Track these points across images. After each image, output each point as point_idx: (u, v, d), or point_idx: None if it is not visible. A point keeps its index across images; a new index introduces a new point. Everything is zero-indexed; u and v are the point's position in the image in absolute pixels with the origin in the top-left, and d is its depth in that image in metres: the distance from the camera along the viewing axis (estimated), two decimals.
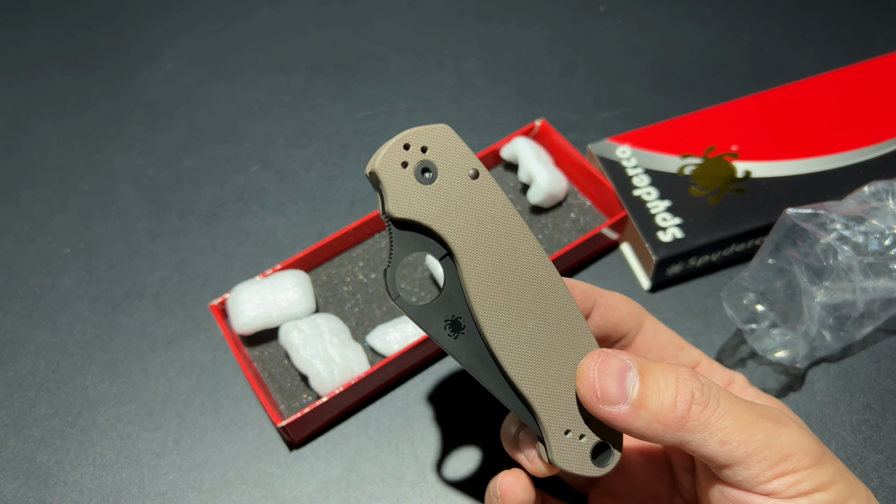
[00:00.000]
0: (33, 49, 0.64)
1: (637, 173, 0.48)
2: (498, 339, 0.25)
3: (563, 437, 0.26)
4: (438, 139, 0.25)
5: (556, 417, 0.26)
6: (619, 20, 0.63)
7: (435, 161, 0.25)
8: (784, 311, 0.41)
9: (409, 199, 0.24)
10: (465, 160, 0.25)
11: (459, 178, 0.25)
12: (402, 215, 0.24)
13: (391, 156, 0.24)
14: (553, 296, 0.26)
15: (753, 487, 0.24)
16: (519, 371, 0.26)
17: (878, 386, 0.42)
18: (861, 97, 0.51)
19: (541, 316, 0.26)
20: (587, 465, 0.27)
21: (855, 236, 0.40)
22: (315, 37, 0.64)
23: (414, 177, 0.24)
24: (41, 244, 0.51)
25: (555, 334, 0.26)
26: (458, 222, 0.25)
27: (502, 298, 0.25)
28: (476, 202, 0.25)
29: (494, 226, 0.25)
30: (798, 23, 0.61)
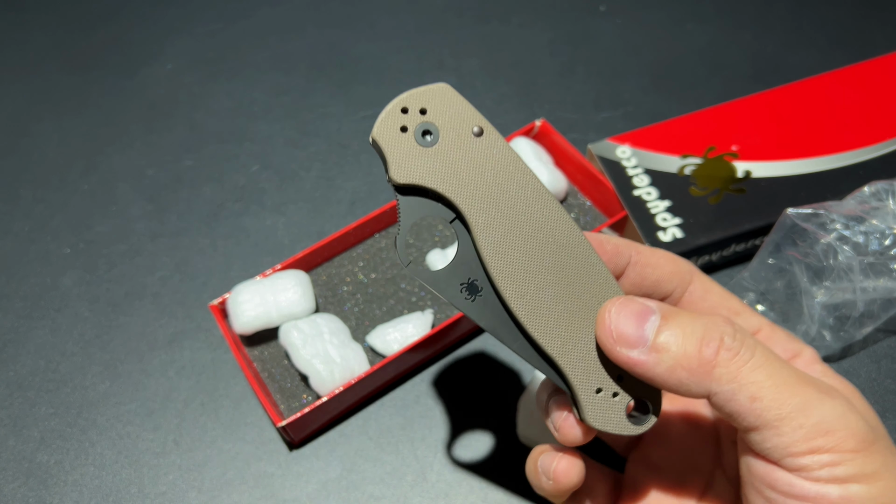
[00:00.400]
0: (33, 49, 0.64)
1: (637, 173, 0.48)
2: (517, 298, 0.25)
3: (594, 395, 0.25)
4: (437, 99, 0.24)
5: (586, 376, 0.25)
6: (620, 20, 0.63)
7: (435, 122, 0.24)
8: (784, 311, 0.41)
9: (411, 163, 0.24)
10: (468, 118, 0.24)
11: (462, 137, 0.24)
12: (406, 181, 0.24)
13: (389, 121, 0.24)
14: (573, 251, 0.25)
15: (782, 459, 0.21)
16: (541, 330, 0.25)
17: (879, 386, 0.42)
18: (861, 97, 0.51)
19: (561, 272, 0.25)
20: (622, 424, 0.25)
21: (855, 236, 0.40)
22: (315, 37, 0.64)
23: (415, 140, 0.24)
24: (41, 244, 0.51)
25: (578, 291, 0.25)
26: (464, 183, 0.24)
27: (518, 256, 0.25)
28: (482, 160, 0.24)
29: (504, 183, 0.25)
30: (798, 22, 0.61)
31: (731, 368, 0.21)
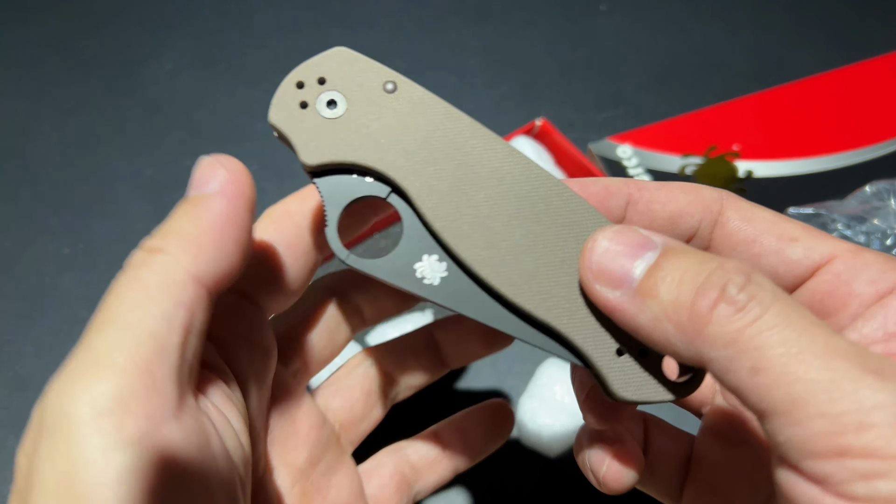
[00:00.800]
0: (32, 48, 0.64)
1: (638, 173, 0.47)
2: (486, 265, 0.21)
3: (615, 359, 0.20)
4: (335, 64, 0.21)
5: (599, 337, 0.20)
6: (620, 19, 0.63)
7: (339, 89, 0.21)
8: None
9: (321, 140, 0.21)
10: (375, 75, 0.21)
11: (374, 97, 0.21)
12: (319, 161, 0.21)
13: (285, 100, 0.21)
14: (542, 193, 0.21)
15: (801, 461, 0.15)
16: (526, 294, 0.20)
17: None
18: (862, 96, 0.51)
19: (534, 222, 0.21)
20: (661, 388, 0.20)
21: (856, 236, 0.40)
22: (314, 36, 0.64)
23: (319, 114, 0.21)
24: (40, 244, 0.51)
25: (561, 238, 0.21)
26: (387, 146, 0.21)
27: (474, 216, 0.21)
28: (403, 117, 0.21)
29: (436, 135, 0.21)
30: (799, 22, 0.61)
31: (729, 328, 0.16)
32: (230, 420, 0.19)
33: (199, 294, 0.17)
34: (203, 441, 0.17)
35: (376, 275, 0.21)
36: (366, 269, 0.21)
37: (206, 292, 0.18)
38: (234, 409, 0.20)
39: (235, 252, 0.18)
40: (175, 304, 0.17)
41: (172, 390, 0.16)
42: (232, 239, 0.18)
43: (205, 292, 0.17)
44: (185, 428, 0.16)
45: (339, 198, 0.21)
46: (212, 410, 0.18)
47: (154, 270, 0.17)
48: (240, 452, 0.19)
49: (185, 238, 0.18)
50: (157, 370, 0.16)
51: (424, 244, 0.21)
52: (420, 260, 0.21)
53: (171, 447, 0.15)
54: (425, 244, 0.21)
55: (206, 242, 0.18)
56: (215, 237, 0.18)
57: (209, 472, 0.17)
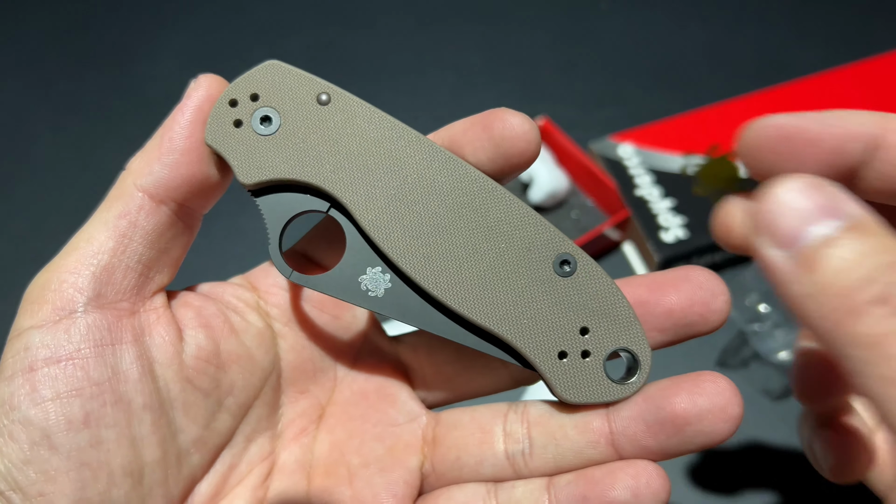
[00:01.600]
0: (30, 46, 0.64)
1: (639, 172, 0.47)
2: (425, 274, 0.21)
3: (558, 363, 0.21)
4: (267, 80, 0.21)
5: (540, 340, 0.21)
6: (621, 18, 0.62)
7: (271, 104, 0.21)
8: (787, 311, 0.41)
9: (257, 159, 0.21)
10: (307, 88, 0.21)
11: (307, 110, 0.21)
12: (257, 179, 0.21)
13: (219, 120, 0.21)
14: (480, 198, 0.21)
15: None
16: (466, 301, 0.21)
17: None
18: (866, 94, 0.50)
19: (471, 228, 0.21)
20: (607, 389, 0.21)
21: None
22: (313, 34, 0.63)
23: (254, 132, 0.21)
24: (38, 243, 0.51)
25: (498, 242, 0.21)
26: (324, 160, 0.21)
27: (414, 226, 0.21)
28: (338, 129, 0.21)
29: (372, 146, 0.21)
30: (802, 20, 0.61)
31: (877, 329, 0.14)
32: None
33: (144, 204, 0.20)
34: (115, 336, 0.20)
35: (321, 290, 0.21)
36: (310, 285, 0.21)
37: (155, 201, 0.20)
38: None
39: (183, 159, 0.20)
40: (117, 216, 0.20)
41: (90, 282, 0.20)
42: (177, 150, 0.20)
43: (151, 202, 0.20)
44: (91, 321, 0.20)
45: (279, 216, 0.21)
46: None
47: (114, 187, 0.21)
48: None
49: (143, 158, 0.21)
50: (78, 267, 0.20)
51: (367, 257, 0.21)
52: (364, 273, 0.21)
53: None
54: (368, 257, 0.21)
55: (153, 159, 0.20)
56: (162, 152, 0.20)
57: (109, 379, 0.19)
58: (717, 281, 0.21)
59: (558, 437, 0.21)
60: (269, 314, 0.24)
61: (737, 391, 0.20)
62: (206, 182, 0.21)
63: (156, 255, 0.21)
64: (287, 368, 0.24)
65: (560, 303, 0.21)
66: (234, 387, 0.22)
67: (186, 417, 0.21)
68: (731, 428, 0.19)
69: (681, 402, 0.20)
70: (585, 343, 0.21)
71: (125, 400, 0.19)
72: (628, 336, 0.21)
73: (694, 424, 0.19)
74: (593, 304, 0.21)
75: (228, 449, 0.22)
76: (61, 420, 0.18)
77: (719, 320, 0.21)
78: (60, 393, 0.19)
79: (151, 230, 0.20)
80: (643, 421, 0.20)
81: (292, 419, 0.24)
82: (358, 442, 0.23)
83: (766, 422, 0.41)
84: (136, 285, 0.20)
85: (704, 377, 0.20)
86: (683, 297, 0.21)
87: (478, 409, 0.23)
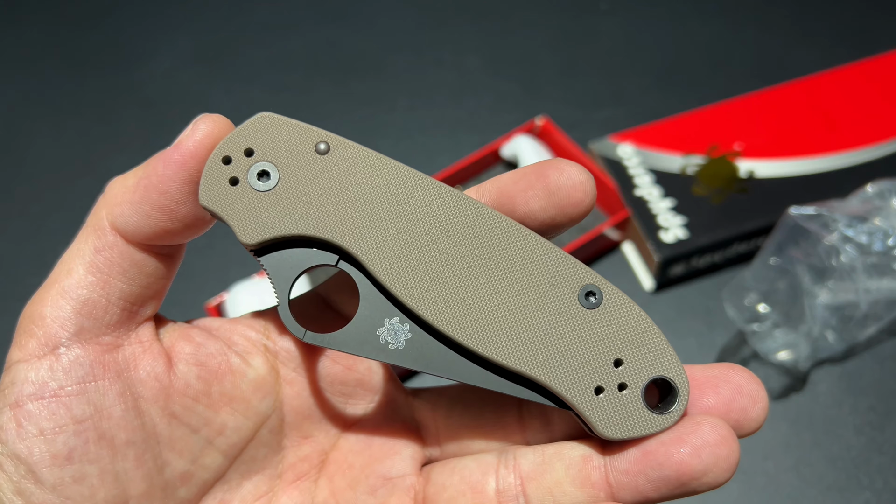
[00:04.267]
0: (29, 47, 0.64)
1: (639, 172, 0.47)
2: (449, 321, 0.20)
3: (595, 399, 0.20)
4: (260, 133, 0.20)
5: (575, 378, 0.20)
6: (621, 17, 0.62)
7: (268, 158, 0.20)
8: (787, 311, 0.41)
9: (259, 217, 0.19)
10: (303, 138, 0.20)
11: (306, 161, 0.20)
12: (261, 238, 0.19)
13: (213, 179, 0.19)
14: (497, 237, 0.20)
15: None
16: (495, 346, 0.20)
17: (883, 387, 0.41)
18: (865, 95, 0.50)
19: (491, 269, 0.20)
20: (647, 421, 0.20)
21: (858, 236, 0.40)
22: (313, 34, 0.63)
23: (252, 189, 0.20)
24: (37, 244, 0.51)
25: (520, 280, 0.20)
26: (330, 212, 0.20)
27: (431, 272, 0.20)
28: (341, 178, 0.20)
29: (379, 193, 0.20)
30: (802, 19, 0.61)
31: None
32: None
33: (117, 243, 0.20)
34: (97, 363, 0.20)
35: (339, 348, 0.20)
36: (325, 344, 0.20)
37: (129, 242, 0.20)
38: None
39: (154, 214, 0.19)
40: (93, 250, 0.20)
41: (71, 317, 0.20)
42: (150, 203, 0.19)
43: (125, 242, 0.20)
44: (68, 358, 0.20)
45: (286, 274, 0.20)
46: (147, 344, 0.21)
47: (92, 212, 0.20)
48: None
49: (119, 193, 0.20)
50: (60, 301, 0.20)
51: (383, 308, 0.20)
52: (382, 325, 0.20)
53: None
54: (384, 308, 0.20)
55: (126, 201, 0.20)
56: (135, 198, 0.19)
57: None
58: (757, 385, 0.20)
59: (556, 493, 0.21)
60: (278, 356, 0.23)
61: (734, 436, 0.19)
62: (183, 231, 0.20)
63: (138, 290, 0.20)
64: (290, 413, 0.23)
65: (590, 336, 0.20)
66: (225, 427, 0.22)
67: (172, 452, 0.21)
68: (731, 474, 0.19)
69: (686, 458, 0.19)
70: (620, 375, 0.20)
71: (108, 436, 0.20)
72: (663, 364, 0.20)
73: (699, 479, 0.19)
74: (624, 335, 0.20)
75: (221, 484, 0.22)
76: (45, 456, 0.19)
77: (755, 428, 0.21)
78: (44, 430, 0.19)
79: (129, 268, 0.20)
80: (646, 477, 0.20)
81: (293, 463, 0.23)
82: (353, 493, 0.23)
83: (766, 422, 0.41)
84: (119, 319, 0.20)
85: (704, 426, 0.19)
86: (722, 401, 0.20)
87: (465, 465, 0.22)
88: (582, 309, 0.20)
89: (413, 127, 0.56)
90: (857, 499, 0.38)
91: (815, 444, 0.40)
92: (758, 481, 0.39)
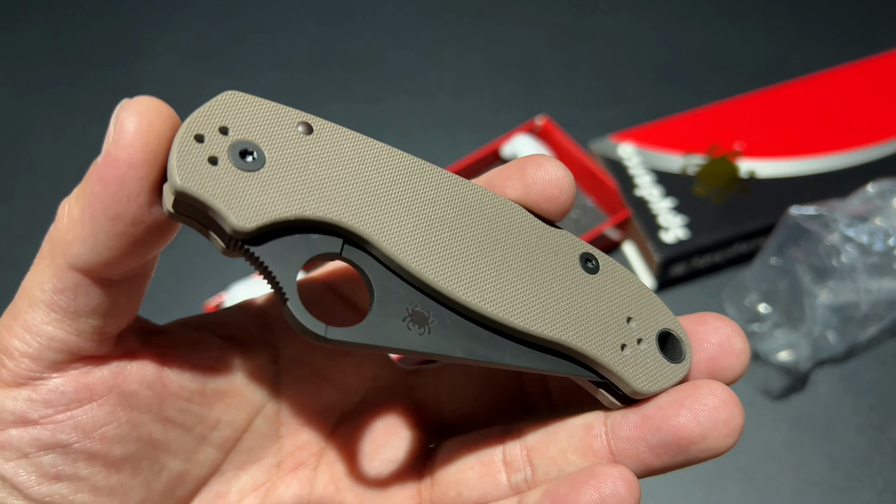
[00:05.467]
0: (28, 45, 0.64)
1: (639, 172, 0.47)
2: (480, 297, 0.19)
3: (622, 355, 0.20)
4: (232, 111, 0.18)
5: (600, 337, 0.20)
6: (621, 17, 0.62)
7: (248, 136, 0.18)
8: (788, 311, 0.41)
9: (253, 199, 0.17)
10: (283, 118, 0.18)
11: (292, 140, 0.18)
12: (259, 223, 0.17)
13: (188, 160, 0.17)
14: (504, 214, 0.20)
15: None
16: (528, 317, 0.19)
17: (884, 388, 0.41)
18: (866, 94, 0.50)
19: (509, 244, 0.20)
20: (669, 372, 0.20)
21: (859, 236, 0.40)
22: (313, 32, 0.63)
23: (237, 168, 0.17)
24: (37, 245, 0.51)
25: (528, 250, 0.20)
26: (331, 192, 0.18)
27: (450, 249, 0.19)
28: (334, 158, 0.18)
29: (379, 173, 0.19)
30: (803, 18, 0.61)
31: None
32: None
33: (79, 282, 0.18)
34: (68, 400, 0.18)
35: (365, 343, 0.17)
36: (353, 340, 0.17)
37: (90, 279, 0.18)
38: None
39: (110, 244, 0.17)
40: (52, 290, 0.18)
41: (40, 353, 0.18)
42: (103, 234, 0.17)
43: (86, 279, 0.18)
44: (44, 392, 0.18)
45: (289, 265, 0.17)
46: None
47: (46, 241, 0.19)
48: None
49: (68, 228, 0.18)
50: (26, 336, 0.18)
51: (401, 294, 0.18)
52: (404, 313, 0.18)
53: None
54: (402, 294, 0.18)
55: (77, 237, 0.17)
56: (85, 232, 0.17)
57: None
58: (735, 329, 0.20)
59: (560, 462, 0.20)
60: (277, 345, 0.22)
61: (737, 399, 0.19)
62: (148, 249, 0.18)
63: (111, 320, 0.19)
64: (287, 401, 0.23)
65: (600, 297, 0.20)
66: (219, 422, 0.21)
67: (168, 455, 0.20)
68: (733, 440, 0.19)
69: (683, 422, 0.19)
70: (635, 331, 0.20)
71: (100, 455, 0.19)
72: (663, 318, 0.21)
73: (698, 443, 0.19)
74: (626, 294, 0.21)
75: (216, 477, 0.22)
76: (32, 477, 0.18)
77: (738, 371, 0.20)
78: (29, 454, 0.18)
79: (98, 305, 0.18)
80: (645, 443, 0.19)
81: (291, 451, 0.23)
82: (355, 478, 0.23)
83: (766, 422, 0.41)
84: (94, 349, 0.19)
85: (703, 389, 0.19)
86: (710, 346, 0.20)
87: (472, 439, 0.22)
88: (586, 274, 0.20)
89: (413, 126, 0.55)
90: (858, 499, 0.38)
91: (816, 445, 0.40)
92: (758, 481, 0.39)
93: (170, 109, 0.18)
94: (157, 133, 0.17)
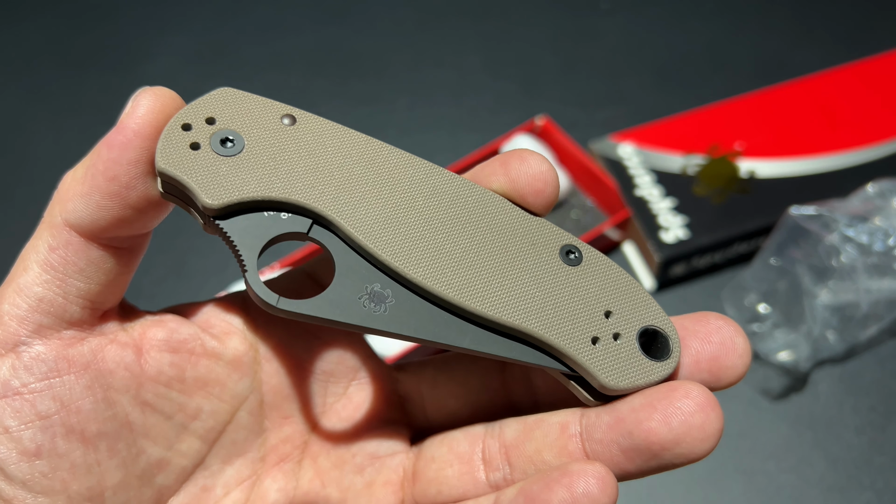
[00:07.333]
0: (28, 46, 0.64)
1: (639, 172, 0.47)
2: (443, 281, 0.19)
3: (593, 349, 0.19)
4: (222, 104, 0.19)
5: (569, 328, 0.20)
6: (622, 17, 0.62)
7: (232, 126, 0.19)
8: (787, 311, 0.41)
9: (224, 179, 0.18)
10: (268, 111, 0.20)
11: (273, 130, 0.19)
12: (226, 200, 0.18)
13: (172, 143, 0.18)
14: (476, 201, 0.20)
15: None
16: (492, 304, 0.19)
17: (884, 388, 0.41)
18: (866, 94, 0.50)
19: (476, 231, 0.20)
20: (647, 369, 0.19)
21: (859, 236, 0.40)
22: (313, 34, 0.63)
23: (215, 153, 0.19)
24: None
25: (503, 239, 0.20)
26: (302, 176, 0.19)
27: (416, 234, 0.19)
28: (312, 146, 0.20)
29: (353, 160, 0.20)
30: (802, 19, 0.61)
31: None
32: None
33: (71, 240, 0.19)
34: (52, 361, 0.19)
35: (317, 314, 0.18)
36: (302, 310, 0.18)
37: (83, 238, 0.19)
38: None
39: (105, 203, 0.19)
40: (47, 248, 0.19)
41: (28, 314, 0.19)
42: (99, 192, 0.18)
43: (80, 238, 0.19)
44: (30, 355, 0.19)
45: (253, 240, 0.18)
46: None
47: (49, 207, 0.20)
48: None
49: (70, 186, 0.19)
50: (16, 299, 0.19)
51: (363, 273, 0.19)
52: (363, 291, 0.19)
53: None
54: (364, 273, 0.19)
55: (77, 194, 0.19)
56: (84, 189, 0.19)
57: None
58: (735, 329, 0.20)
59: (536, 462, 0.20)
60: (257, 336, 0.23)
61: (715, 403, 0.18)
62: (138, 218, 0.19)
63: (97, 287, 0.20)
64: (269, 394, 0.23)
65: (577, 290, 0.20)
66: (200, 411, 0.21)
67: (147, 440, 0.20)
68: (710, 446, 0.18)
69: (654, 426, 0.18)
70: (613, 325, 0.20)
71: (77, 430, 0.19)
72: (650, 314, 0.20)
73: (671, 448, 0.18)
74: (608, 288, 0.20)
75: (201, 470, 0.22)
76: (13, 453, 0.19)
77: (739, 372, 0.20)
78: (9, 427, 0.19)
79: (86, 266, 0.19)
80: (618, 446, 0.19)
81: (275, 445, 0.23)
82: (339, 473, 0.23)
83: (766, 422, 0.41)
84: (80, 316, 0.20)
85: (677, 392, 0.18)
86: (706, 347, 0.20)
87: (454, 436, 0.22)
88: (564, 265, 0.20)
89: (413, 126, 0.55)
90: (859, 499, 0.38)
91: (816, 445, 0.40)
92: (758, 481, 0.39)
93: (182, 100, 0.19)
94: (167, 115, 0.19)
